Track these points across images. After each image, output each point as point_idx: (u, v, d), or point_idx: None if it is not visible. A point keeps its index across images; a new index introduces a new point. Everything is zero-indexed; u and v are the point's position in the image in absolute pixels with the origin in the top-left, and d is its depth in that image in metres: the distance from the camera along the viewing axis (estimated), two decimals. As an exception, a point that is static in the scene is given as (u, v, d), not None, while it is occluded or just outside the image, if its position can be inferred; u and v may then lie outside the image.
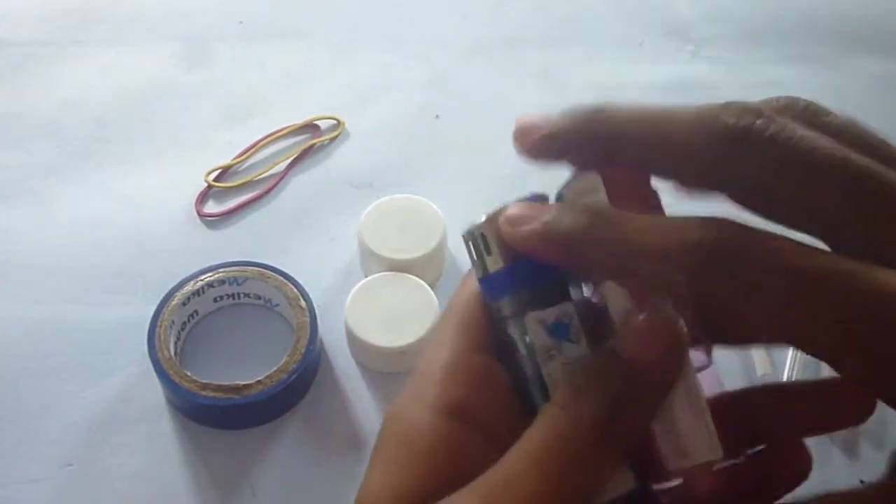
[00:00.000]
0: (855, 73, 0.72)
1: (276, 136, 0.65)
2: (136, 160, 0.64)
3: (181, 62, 0.71)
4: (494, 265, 0.25)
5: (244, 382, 0.49)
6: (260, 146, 0.65)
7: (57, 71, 0.70)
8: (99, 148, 0.65)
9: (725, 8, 0.78)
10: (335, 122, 0.67)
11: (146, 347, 0.50)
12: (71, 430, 0.50)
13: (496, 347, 0.26)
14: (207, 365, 0.52)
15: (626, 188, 0.24)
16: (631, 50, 0.74)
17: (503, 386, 0.25)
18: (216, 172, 0.63)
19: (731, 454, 0.24)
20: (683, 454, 0.24)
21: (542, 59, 0.72)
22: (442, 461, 0.24)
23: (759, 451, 0.27)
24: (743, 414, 0.27)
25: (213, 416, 0.50)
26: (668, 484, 0.25)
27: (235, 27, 0.74)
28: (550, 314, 0.24)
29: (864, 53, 0.74)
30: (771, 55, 0.74)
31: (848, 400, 0.26)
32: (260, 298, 0.55)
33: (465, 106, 0.69)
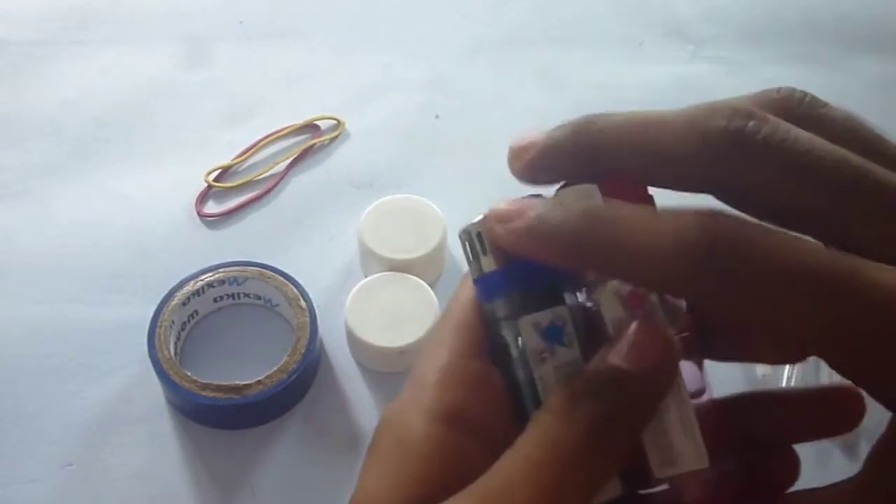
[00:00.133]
0: (855, 73, 0.72)
1: (276, 136, 0.65)
2: (136, 160, 0.64)
3: (181, 62, 0.71)
4: (489, 266, 0.25)
5: (244, 382, 0.49)
6: (260, 146, 0.65)
7: (57, 71, 0.70)
8: (99, 148, 0.65)
9: (725, 8, 0.78)
10: (335, 122, 0.67)
11: (146, 347, 0.50)
12: (71, 430, 0.50)
13: (490, 349, 0.25)
14: (207, 365, 0.52)
15: (621, 195, 0.24)
16: (631, 50, 0.74)
17: (499, 390, 0.25)
18: (216, 172, 0.63)
19: (719, 462, 0.24)
20: (671, 462, 0.24)
21: (542, 59, 0.72)
22: (437, 466, 0.24)
23: (746, 457, 0.27)
24: (733, 421, 0.27)
25: (213, 416, 0.50)
26: (653, 490, 0.25)
27: (235, 27, 0.74)
28: (544, 317, 0.24)
29: (864, 53, 0.74)
30: (771, 55, 0.74)
31: (838, 407, 0.26)
32: (260, 298, 0.55)
33: (465, 106, 0.68)
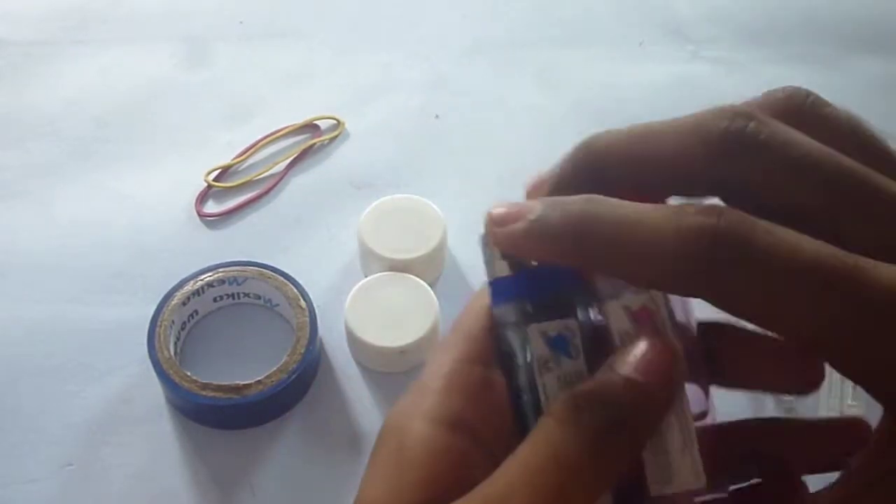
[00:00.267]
0: (855, 73, 0.72)
1: (276, 136, 0.65)
2: (136, 160, 0.64)
3: (181, 62, 0.71)
4: (502, 270, 0.25)
5: (244, 382, 0.49)
6: (260, 146, 0.65)
7: (57, 71, 0.70)
8: (99, 148, 0.65)
9: (725, 8, 0.78)
10: (335, 122, 0.67)
11: (146, 347, 0.50)
12: (71, 430, 0.50)
13: (497, 355, 0.25)
14: (207, 365, 0.52)
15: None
16: (631, 50, 0.74)
17: (503, 398, 0.25)
18: (216, 172, 0.63)
19: (718, 486, 0.24)
20: (668, 480, 0.24)
21: (542, 59, 0.72)
22: (439, 472, 0.24)
23: (751, 484, 0.27)
24: (735, 445, 0.27)
25: (213, 416, 0.50)
26: None
27: (235, 27, 0.74)
28: (553, 327, 0.24)
29: (864, 53, 0.74)
30: (771, 55, 0.74)
31: (846, 438, 0.26)
32: (260, 298, 0.55)
33: (465, 106, 0.68)
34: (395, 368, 0.53)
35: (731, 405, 0.28)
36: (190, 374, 0.49)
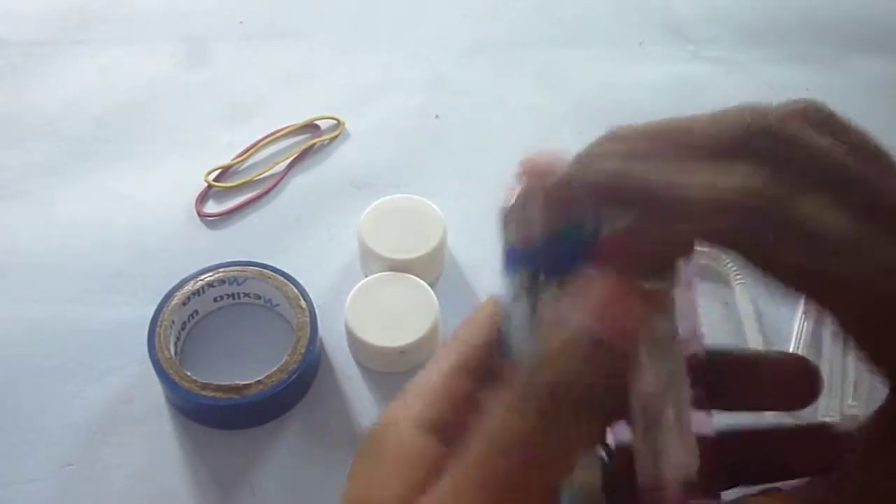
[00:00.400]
0: (855, 73, 0.72)
1: (276, 136, 0.65)
2: (136, 160, 0.64)
3: (181, 62, 0.71)
4: (518, 239, 0.26)
5: (244, 382, 0.49)
6: (260, 146, 0.65)
7: (57, 71, 0.70)
8: (99, 148, 0.65)
9: (725, 8, 0.78)
10: (335, 122, 0.67)
11: (146, 347, 0.50)
12: (71, 430, 0.50)
13: (501, 342, 0.26)
14: (207, 365, 0.52)
15: None
16: (631, 50, 0.74)
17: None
18: (216, 172, 0.63)
19: (710, 494, 0.24)
20: (657, 457, 0.24)
21: (542, 59, 0.72)
22: (421, 473, 0.24)
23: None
24: (733, 453, 0.27)
25: (213, 416, 0.50)
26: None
27: (235, 27, 0.74)
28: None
29: (864, 53, 0.74)
30: (771, 55, 0.74)
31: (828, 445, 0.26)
32: (260, 298, 0.55)
33: (465, 106, 0.69)
34: (395, 368, 0.53)
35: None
36: (190, 374, 0.49)
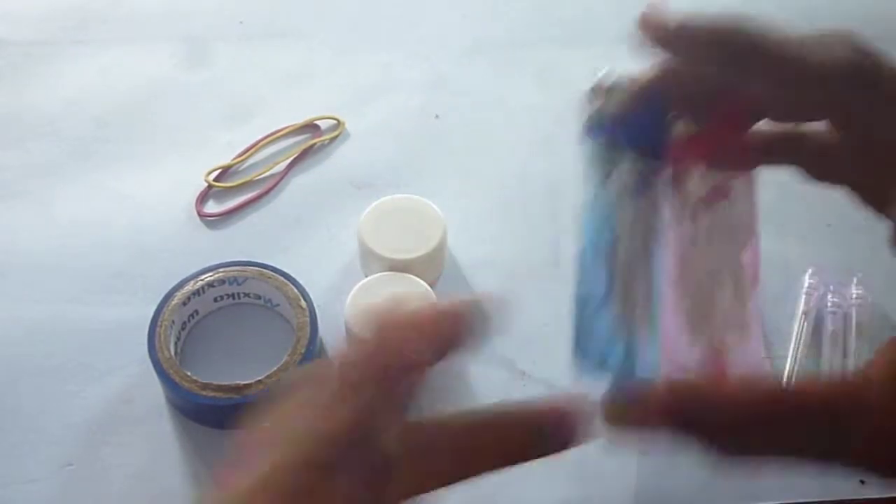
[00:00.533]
0: (855, 73, 0.72)
1: (276, 136, 0.65)
2: (136, 160, 0.64)
3: (181, 62, 0.71)
4: (604, 106, 0.32)
5: (244, 382, 0.49)
6: (260, 146, 0.65)
7: (57, 71, 0.70)
8: (99, 148, 0.65)
9: (725, 8, 0.78)
10: (335, 122, 0.67)
11: (146, 347, 0.50)
12: (71, 430, 0.50)
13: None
14: (207, 365, 0.52)
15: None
16: (631, 50, 0.74)
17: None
18: (216, 172, 0.63)
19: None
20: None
21: (542, 59, 0.72)
22: None
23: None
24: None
25: (213, 416, 0.50)
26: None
27: (235, 27, 0.74)
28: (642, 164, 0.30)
29: (864, 53, 0.74)
30: (771, 55, 0.74)
31: None
32: (260, 298, 0.55)
33: (465, 106, 0.68)
34: (395, 368, 0.53)
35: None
36: (190, 374, 0.49)
